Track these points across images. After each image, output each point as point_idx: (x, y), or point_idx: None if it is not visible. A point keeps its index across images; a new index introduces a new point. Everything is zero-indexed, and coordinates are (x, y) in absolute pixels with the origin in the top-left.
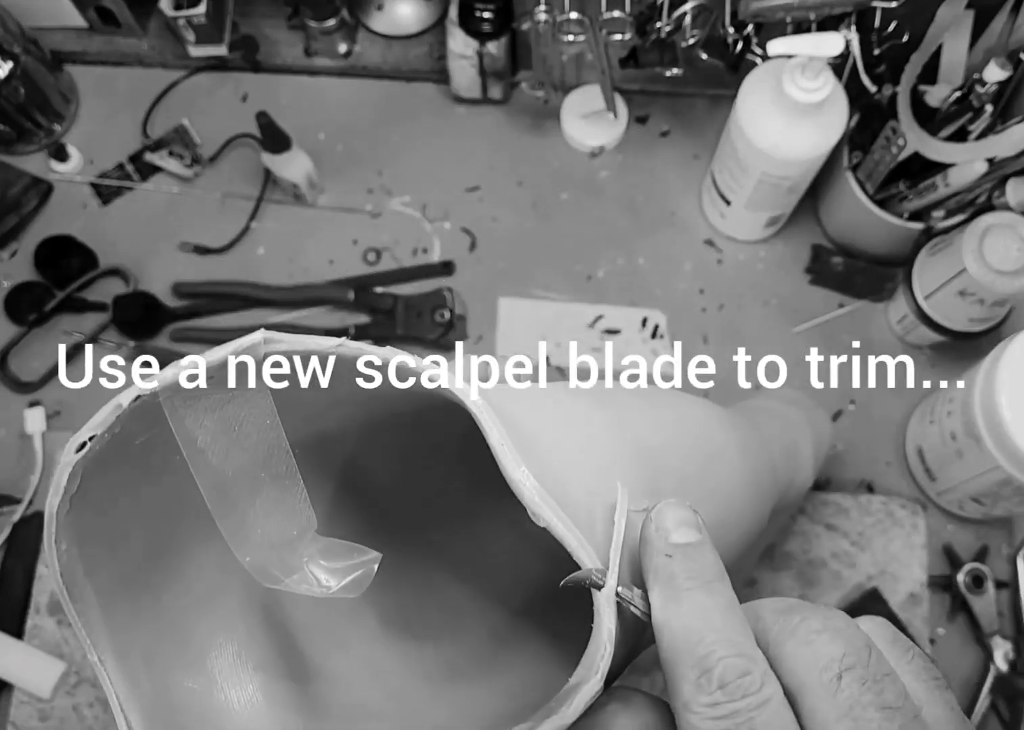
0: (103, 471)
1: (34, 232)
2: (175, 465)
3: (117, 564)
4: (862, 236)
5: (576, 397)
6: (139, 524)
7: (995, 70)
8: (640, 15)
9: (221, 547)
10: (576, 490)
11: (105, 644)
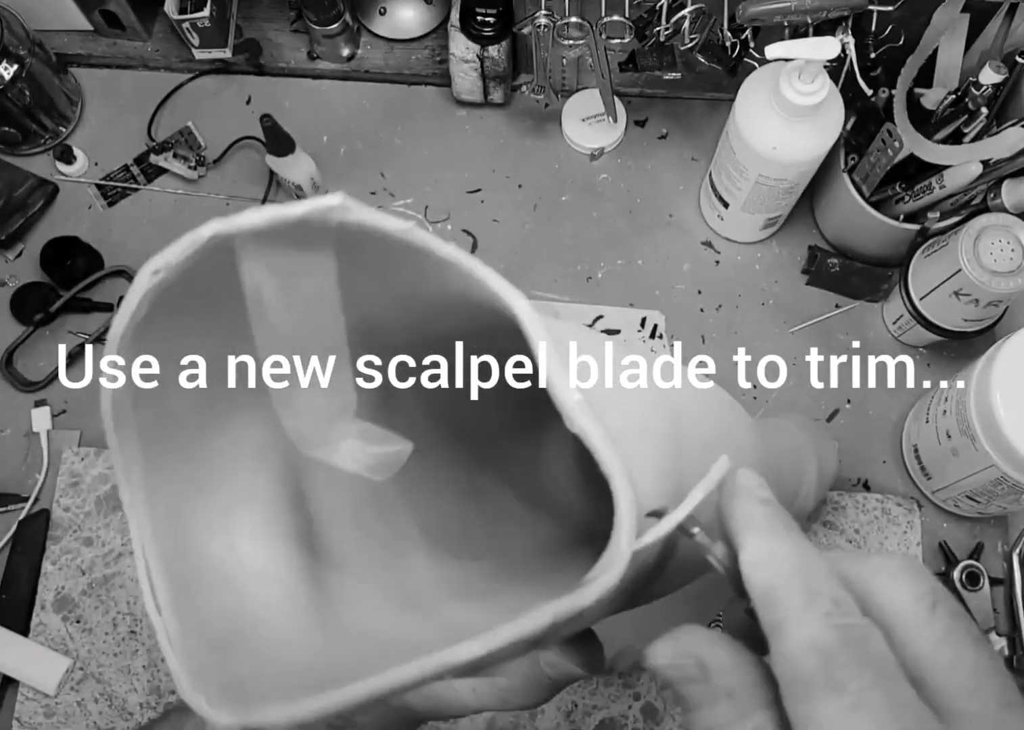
0: (168, 305)
1: (40, 233)
2: (234, 318)
3: (165, 404)
4: (858, 237)
5: (625, 350)
6: (192, 370)
7: (990, 73)
8: (639, 19)
9: (266, 415)
10: (619, 420)
11: (138, 482)
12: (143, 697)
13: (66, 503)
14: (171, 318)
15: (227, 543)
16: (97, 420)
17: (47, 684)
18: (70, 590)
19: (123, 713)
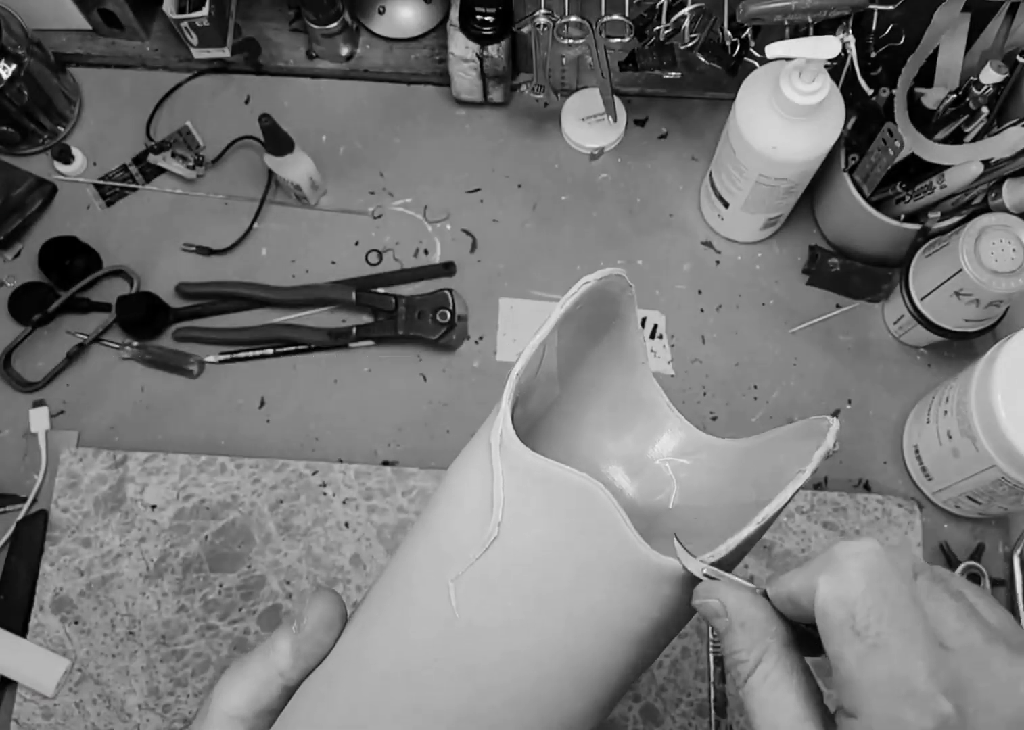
0: (566, 323)
1: (38, 233)
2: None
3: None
4: (859, 237)
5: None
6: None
7: (991, 73)
8: (639, 18)
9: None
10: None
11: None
12: (141, 698)
13: (64, 504)
14: (566, 332)
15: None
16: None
17: (45, 685)
18: (68, 591)
19: (121, 714)
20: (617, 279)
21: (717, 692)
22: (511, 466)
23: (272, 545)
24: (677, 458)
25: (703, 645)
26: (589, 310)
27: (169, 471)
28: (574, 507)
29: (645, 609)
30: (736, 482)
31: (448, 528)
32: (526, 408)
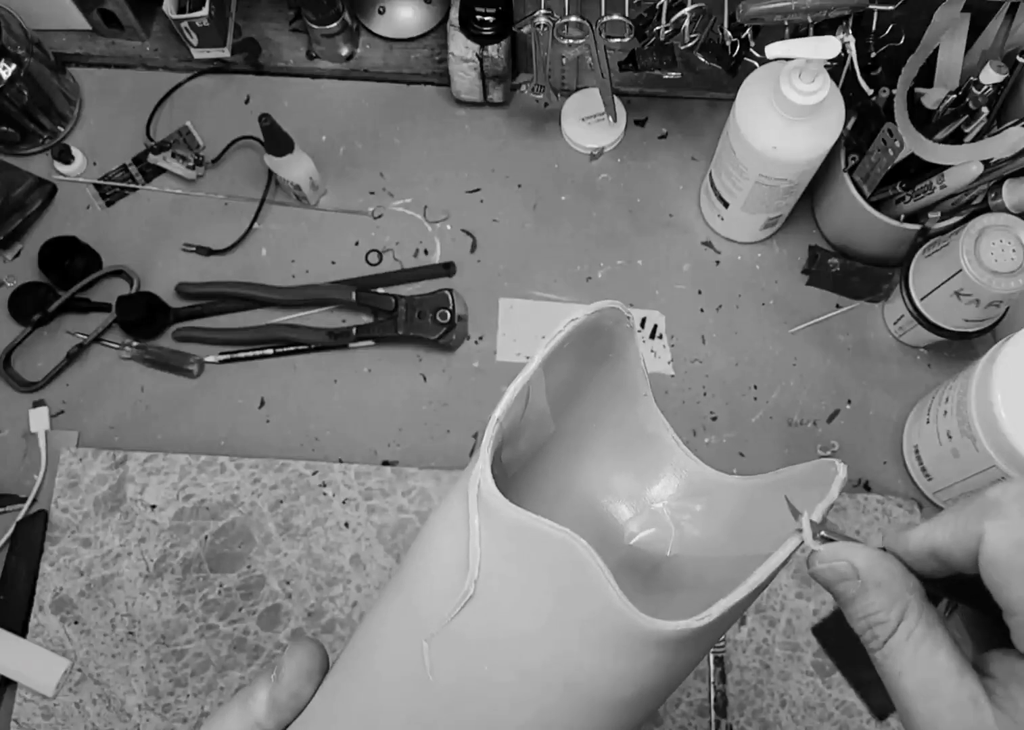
0: (556, 360)
1: (38, 233)
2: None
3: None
4: (859, 237)
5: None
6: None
7: (991, 73)
8: (639, 19)
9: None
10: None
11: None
12: (141, 698)
13: (64, 504)
14: (558, 360)
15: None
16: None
17: (45, 685)
18: (68, 591)
19: (121, 714)
20: (611, 312)
21: (717, 692)
22: (489, 519)
23: (272, 545)
24: (679, 501)
25: None
26: (581, 346)
27: (169, 471)
28: (555, 565)
29: (633, 675)
30: (738, 531)
31: (423, 584)
32: (516, 449)
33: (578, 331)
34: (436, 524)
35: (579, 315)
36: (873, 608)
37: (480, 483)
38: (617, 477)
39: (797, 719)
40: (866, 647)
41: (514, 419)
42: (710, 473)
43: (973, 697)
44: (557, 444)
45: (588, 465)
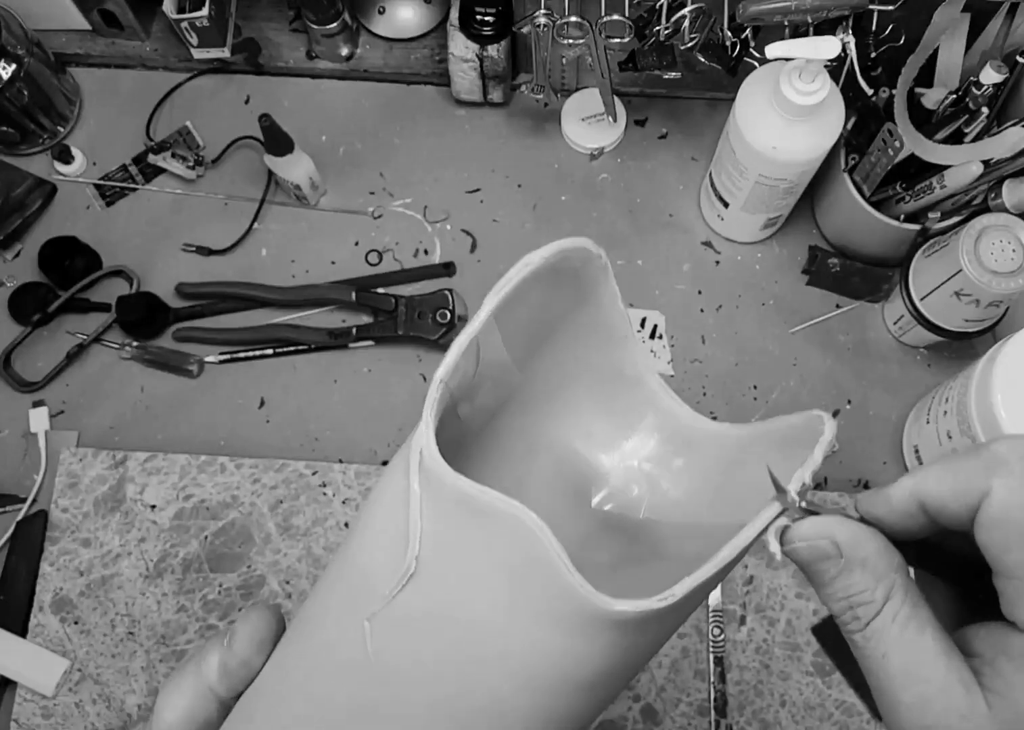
0: (514, 307)
1: (38, 233)
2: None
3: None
4: (859, 237)
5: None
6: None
7: (991, 73)
8: (639, 19)
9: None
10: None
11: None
12: (141, 698)
13: (64, 504)
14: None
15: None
16: (95, 421)
17: (45, 685)
18: (68, 591)
19: (121, 714)
20: (576, 253)
21: (716, 692)
22: (431, 489)
23: (272, 545)
24: (660, 455)
25: (703, 645)
26: (544, 290)
27: (169, 471)
28: (505, 540)
29: (591, 656)
30: (719, 493)
31: (365, 559)
32: (475, 403)
33: (535, 277)
34: (380, 492)
35: (533, 259)
36: (856, 588)
37: (422, 449)
38: (596, 426)
39: (797, 719)
40: (842, 628)
41: (464, 376)
42: (695, 419)
43: (963, 680)
44: (526, 393)
45: (563, 414)
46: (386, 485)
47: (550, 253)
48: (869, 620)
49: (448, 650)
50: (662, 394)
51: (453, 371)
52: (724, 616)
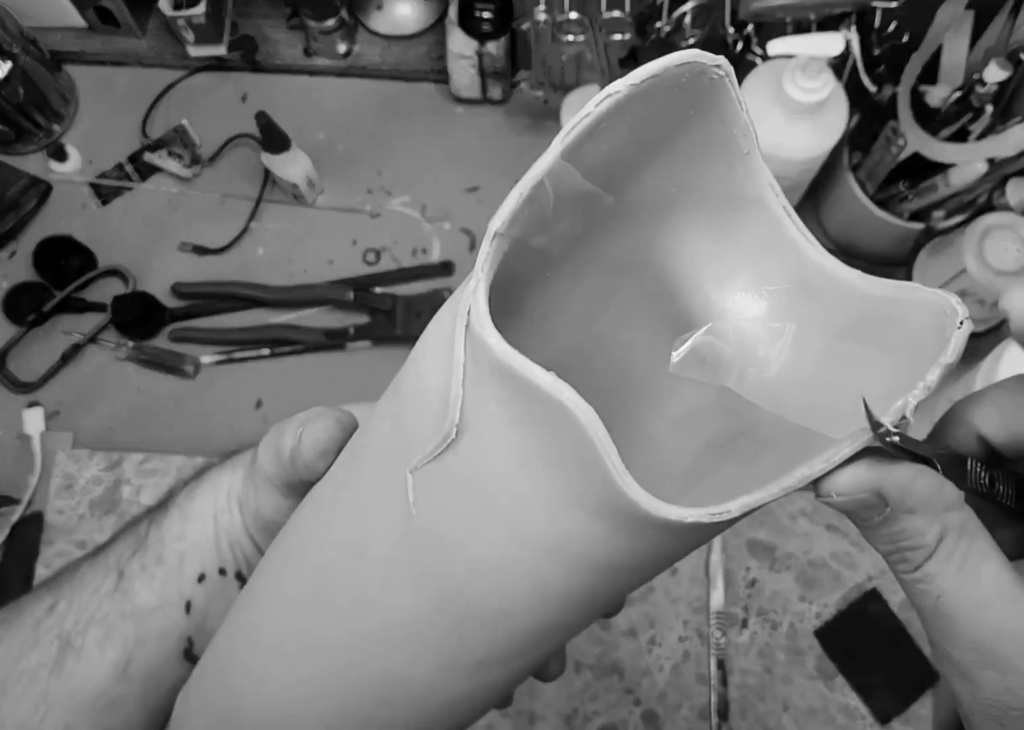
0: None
1: (33, 232)
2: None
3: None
4: (862, 236)
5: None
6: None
7: (995, 70)
8: (640, 15)
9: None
10: None
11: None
12: None
13: (60, 506)
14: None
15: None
16: (91, 422)
17: None
18: None
19: None
20: (682, 69)
21: (718, 696)
22: (476, 354)
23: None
24: (772, 302)
25: (704, 648)
26: (642, 111)
27: (165, 473)
28: (550, 425)
29: (633, 549)
30: (842, 369)
31: (412, 407)
32: (553, 233)
33: (621, 106)
34: (427, 341)
35: (618, 87)
36: (905, 535)
37: (470, 310)
38: (701, 251)
39: (799, 723)
40: (891, 567)
41: (534, 215)
42: (822, 256)
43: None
44: (622, 216)
45: (665, 235)
46: (436, 330)
47: (641, 78)
48: (920, 564)
49: (487, 519)
50: (787, 222)
51: (511, 222)
52: (726, 619)
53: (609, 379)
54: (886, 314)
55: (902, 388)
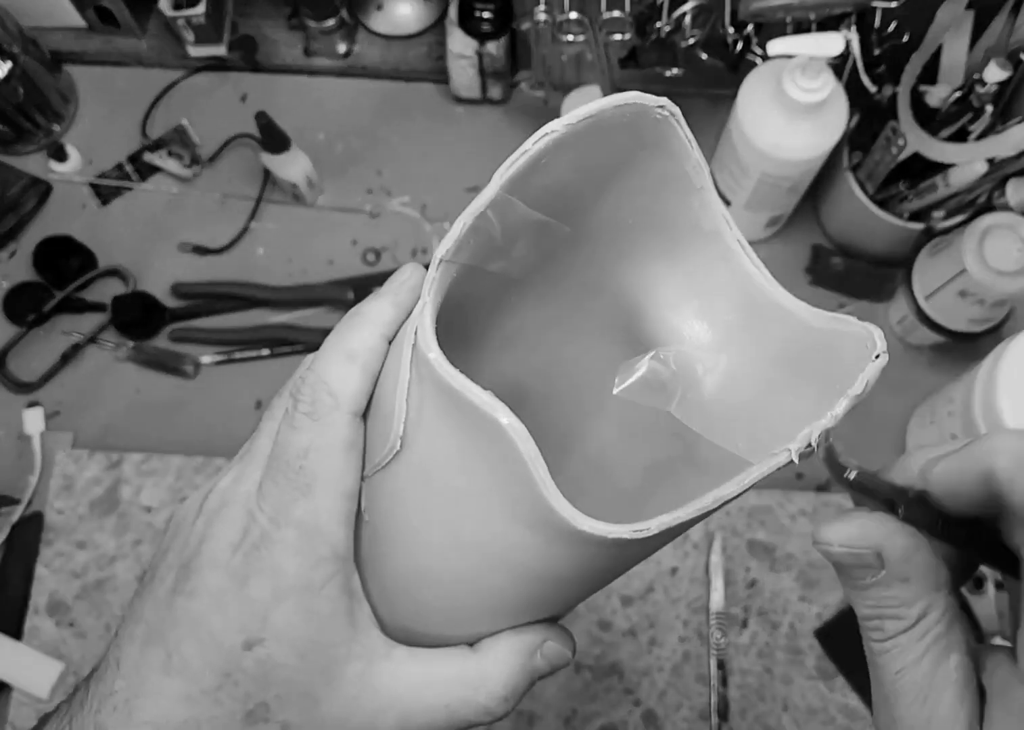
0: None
1: (33, 232)
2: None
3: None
4: (862, 236)
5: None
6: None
7: (995, 70)
8: (640, 15)
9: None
10: None
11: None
12: None
13: (59, 506)
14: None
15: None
16: (91, 422)
17: (40, 689)
18: (63, 594)
19: None
20: (621, 109)
21: (718, 696)
22: (419, 373)
23: None
24: (721, 325)
25: (704, 649)
26: (588, 144)
27: (165, 473)
28: (487, 440)
29: (568, 560)
30: (776, 397)
31: (371, 420)
32: (511, 258)
33: (561, 144)
34: (389, 357)
35: (555, 127)
36: (892, 602)
37: (416, 329)
38: (660, 278)
39: (799, 723)
40: (864, 633)
41: (484, 243)
42: (771, 285)
43: (969, 720)
44: (581, 242)
45: (624, 262)
46: (396, 343)
47: (579, 118)
48: (894, 635)
49: (431, 526)
50: (741, 254)
51: (456, 249)
52: (726, 619)
53: (570, 398)
54: (825, 345)
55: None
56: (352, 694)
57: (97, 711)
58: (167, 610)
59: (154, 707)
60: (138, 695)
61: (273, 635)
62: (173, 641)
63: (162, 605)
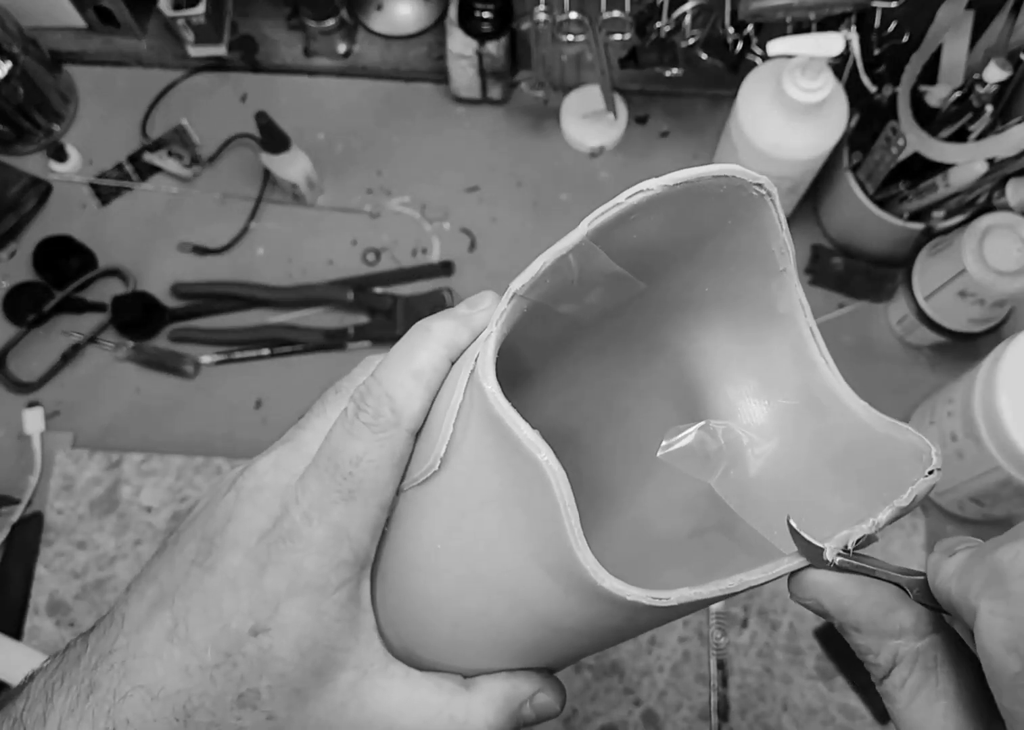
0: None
1: (33, 232)
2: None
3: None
4: (862, 236)
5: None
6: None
7: (995, 70)
8: (640, 15)
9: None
10: None
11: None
12: None
13: (59, 506)
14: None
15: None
16: (91, 422)
17: None
18: (63, 594)
19: None
20: (718, 180)
21: (718, 696)
22: (472, 399)
23: None
24: (777, 411)
25: (704, 649)
26: (677, 209)
27: (165, 473)
28: (526, 477)
29: (586, 615)
30: (818, 491)
31: (422, 434)
32: (582, 303)
33: (652, 203)
34: (449, 377)
35: (651, 185)
36: (859, 650)
37: (477, 357)
38: (724, 354)
39: (799, 723)
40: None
41: (559, 284)
42: (835, 379)
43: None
44: (654, 301)
45: (694, 330)
46: (460, 361)
47: (676, 181)
48: (880, 678)
49: (451, 553)
50: (811, 342)
51: (532, 286)
52: (726, 619)
53: (617, 454)
54: (879, 448)
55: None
56: (340, 701)
57: (94, 668)
58: (183, 577)
59: (150, 672)
60: (136, 656)
61: (279, 627)
62: (182, 609)
63: (179, 571)
